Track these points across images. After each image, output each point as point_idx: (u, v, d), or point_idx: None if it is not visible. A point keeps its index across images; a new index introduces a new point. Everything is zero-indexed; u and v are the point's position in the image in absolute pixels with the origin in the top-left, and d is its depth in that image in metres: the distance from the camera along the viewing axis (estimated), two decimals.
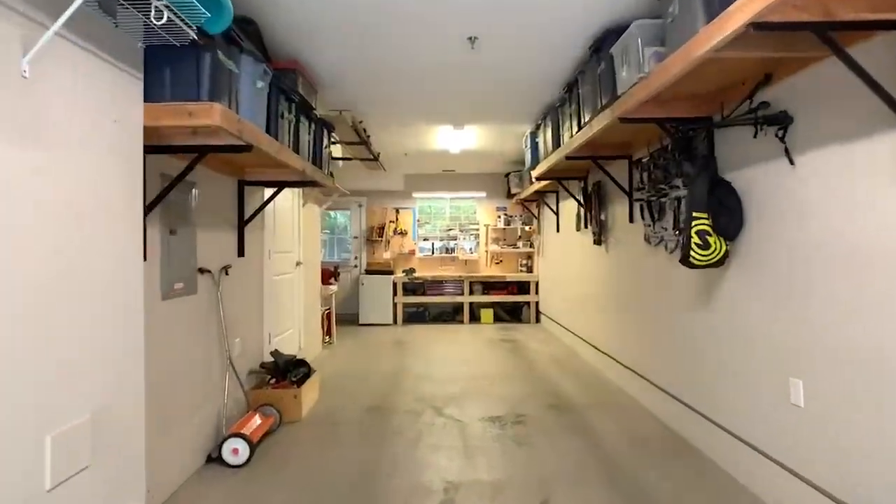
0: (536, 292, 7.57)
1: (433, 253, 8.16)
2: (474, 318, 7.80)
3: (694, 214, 2.51)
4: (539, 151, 4.77)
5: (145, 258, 2.25)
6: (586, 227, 5.03)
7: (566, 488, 2.46)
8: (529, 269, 7.94)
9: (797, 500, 2.09)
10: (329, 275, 5.95)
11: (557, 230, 6.28)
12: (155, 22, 1.50)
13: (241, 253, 3.41)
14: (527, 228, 8.01)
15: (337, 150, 5.28)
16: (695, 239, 2.50)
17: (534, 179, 5.39)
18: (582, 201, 4.95)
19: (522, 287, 7.73)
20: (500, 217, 8.13)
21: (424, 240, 8.22)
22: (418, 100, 4.18)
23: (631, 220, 3.87)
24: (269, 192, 3.92)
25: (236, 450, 2.76)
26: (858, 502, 1.81)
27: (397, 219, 8.23)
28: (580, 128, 3.42)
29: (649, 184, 3.35)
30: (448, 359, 5.31)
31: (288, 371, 3.74)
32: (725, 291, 2.64)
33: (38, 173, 1.40)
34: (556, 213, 6.26)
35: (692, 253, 2.50)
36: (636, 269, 3.81)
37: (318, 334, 5.54)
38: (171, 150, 2.29)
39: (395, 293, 7.51)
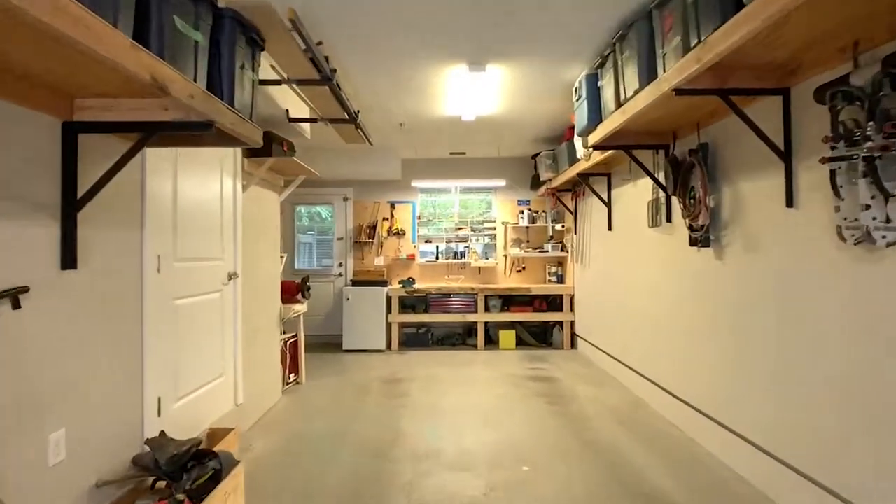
0: (571, 309, 5.89)
1: (438, 258, 6.50)
2: (490, 341, 6.14)
3: None
4: (603, 103, 3.10)
5: None
6: (669, 220, 3.36)
7: None
8: (561, 280, 6.25)
9: None
10: (294, 289, 4.30)
11: (609, 227, 4.60)
12: None
13: (68, 263, 1.76)
14: (558, 227, 6.33)
15: (301, 110, 3.63)
16: None
17: (587, 149, 3.74)
18: (664, 181, 3.28)
19: (552, 302, 6.07)
20: (522, 213, 6.46)
21: (427, 242, 6.57)
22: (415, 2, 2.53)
23: (789, 203, 2.21)
24: (167, 152, 2.30)
25: None
26: None
27: (392, 215, 6.58)
28: (713, 31, 1.77)
29: (865, 128, 1.68)
30: (462, 413, 3.63)
31: (183, 471, 2.10)
32: None
33: None
34: (608, 204, 4.58)
35: None
36: (809, 290, 2.13)
37: (274, 376, 3.89)
38: None
39: (389, 310, 5.88)
